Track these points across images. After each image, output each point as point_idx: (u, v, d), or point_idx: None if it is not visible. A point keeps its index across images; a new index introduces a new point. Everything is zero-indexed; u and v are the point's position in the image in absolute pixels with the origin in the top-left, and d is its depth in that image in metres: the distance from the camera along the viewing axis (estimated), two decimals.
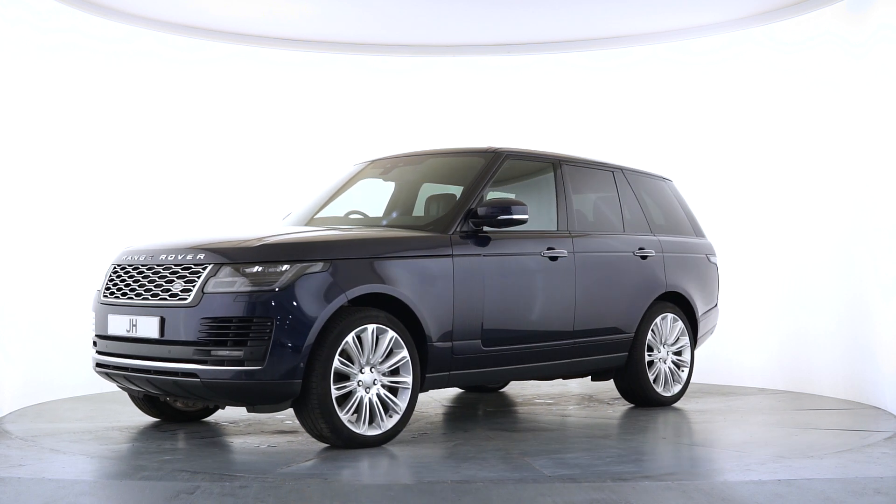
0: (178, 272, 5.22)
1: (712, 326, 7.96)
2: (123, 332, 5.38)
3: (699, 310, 7.59)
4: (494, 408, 7.20)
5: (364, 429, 5.25)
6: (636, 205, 7.34)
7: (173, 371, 5.10)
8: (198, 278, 5.12)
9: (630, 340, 6.97)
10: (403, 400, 5.41)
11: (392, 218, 6.49)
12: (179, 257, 5.27)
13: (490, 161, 6.33)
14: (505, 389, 8.28)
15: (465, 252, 5.82)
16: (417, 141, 8.57)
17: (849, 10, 7.70)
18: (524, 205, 5.88)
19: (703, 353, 8.42)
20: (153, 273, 5.35)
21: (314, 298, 5.05)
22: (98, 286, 5.90)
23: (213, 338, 4.99)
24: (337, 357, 5.11)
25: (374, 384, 5.31)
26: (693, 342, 7.54)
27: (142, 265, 5.46)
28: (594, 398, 7.69)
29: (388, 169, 6.94)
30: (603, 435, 5.91)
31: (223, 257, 5.14)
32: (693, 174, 8.97)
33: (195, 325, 5.03)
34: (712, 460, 5.24)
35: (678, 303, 7.43)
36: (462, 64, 9.72)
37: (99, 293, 5.75)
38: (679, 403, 7.35)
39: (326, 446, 5.32)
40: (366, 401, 5.27)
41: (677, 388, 7.32)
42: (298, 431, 5.85)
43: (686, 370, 7.42)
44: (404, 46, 9.54)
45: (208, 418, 6.37)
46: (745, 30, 8.80)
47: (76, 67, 8.03)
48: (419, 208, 6.51)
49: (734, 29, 8.86)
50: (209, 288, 5.06)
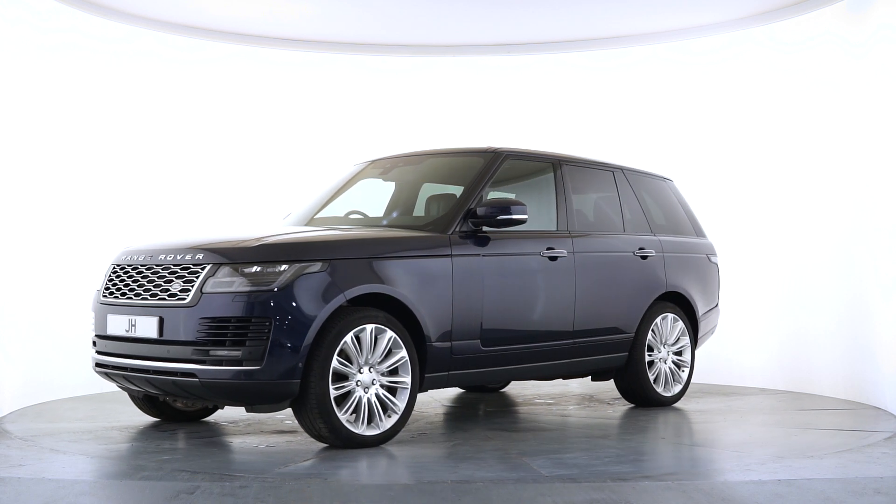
0: (177, 272, 5.22)
1: (713, 326, 7.95)
2: (122, 332, 5.39)
3: (700, 310, 7.58)
4: (495, 408, 7.19)
5: (363, 429, 5.24)
6: (636, 205, 7.34)
7: (172, 371, 5.10)
8: (196, 278, 5.12)
9: (630, 340, 6.96)
10: (402, 400, 5.41)
11: (392, 218, 6.49)
12: (178, 257, 5.27)
13: (489, 161, 6.32)
14: (506, 389, 8.27)
15: (465, 252, 5.82)
16: (417, 141, 8.56)
17: (849, 10, 7.69)
18: (523, 205, 5.88)
19: (704, 353, 8.41)
20: (152, 273, 5.35)
21: (312, 298, 5.05)
22: (98, 286, 5.90)
23: (212, 338, 4.99)
24: (335, 357, 5.11)
25: (373, 384, 5.30)
26: (694, 342, 7.53)
27: (141, 265, 5.46)
28: (595, 398, 7.69)
29: (388, 169, 6.94)
30: (602, 435, 5.90)
31: (222, 257, 5.14)
32: (693, 174, 8.97)
33: (194, 325, 5.03)
34: (712, 460, 5.24)
35: (679, 303, 7.42)
36: (462, 64, 9.72)
37: (98, 293, 5.75)
38: (679, 403, 7.35)
39: (325, 446, 5.31)
40: (364, 401, 5.26)
41: (678, 389, 7.31)
42: (298, 431, 5.85)
43: (686, 370, 7.41)
44: (404, 46, 9.54)
45: (208, 418, 6.38)
46: (745, 30, 8.79)
47: (76, 67, 8.03)
48: (420, 208, 6.50)
49: (734, 29, 8.85)
50: (208, 288, 5.06)
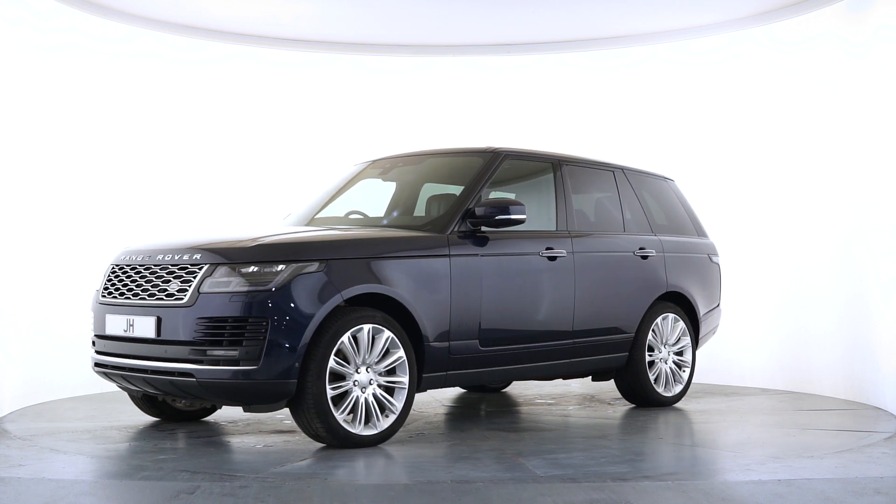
0: (175, 272, 5.22)
1: (714, 327, 7.94)
2: (121, 332, 5.39)
3: (701, 310, 7.56)
4: (495, 408, 7.19)
5: (360, 429, 5.24)
6: (637, 205, 7.33)
7: (170, 371, 5.10)
8: (194, 278, 5.12)
9: (630, 340, 6.95)
10: (400, 400, 5.40)
11: (392, 218, 6.48)
12: (176, 257, 5.27)
13: (489, 161, 6.31)
14: (507, 389, 8.27)
15: (463, 252, 5.81)
16: (417, 141, 8.56)
17: (849, 10, 7.68)
18: (522, 205, 5.87)
19: (704, 353, 8.40)
20: (150, 273, 5.35)
21: (309, 298, 5.05)
22: (97, 286, 5.90)
23: (209, 338, 4.99)
24: (332, 357, 5.11)
25: (371, 384, 5.30)
26: (695, 342, 7.52)
27: (139, 265, 5.46)
28: (595, 398, 7.68)
29: (388, 169, 6.94)
30: (601, 435, 5.89)
31: (219, 257, 5.14)
32: (694, 174, 8.96)
33: (191, 325, 5.03)
34: (712, 460, 5.23)
35: (679, 303, 7.41)
36: (462, 64, 9.71)
37: (97, 293, 5.76)
38: (679, 403, 7.34)
39: (322, 446, 5.31)
40: (362, 401, 5.26)
41: (678, 389, 7.30)
42: (296, 431, 5.84)
43: (687, 370, 7.40)
44: (404, 46, 9.54)
45: (207, 418, 6.37)
46: (745, 30, 8.78)
47: (76, 67, 8.03)
48: (420, 208, 6.50)
49: (734, 29, 8.84)
50: (205, 288, 5.06)
